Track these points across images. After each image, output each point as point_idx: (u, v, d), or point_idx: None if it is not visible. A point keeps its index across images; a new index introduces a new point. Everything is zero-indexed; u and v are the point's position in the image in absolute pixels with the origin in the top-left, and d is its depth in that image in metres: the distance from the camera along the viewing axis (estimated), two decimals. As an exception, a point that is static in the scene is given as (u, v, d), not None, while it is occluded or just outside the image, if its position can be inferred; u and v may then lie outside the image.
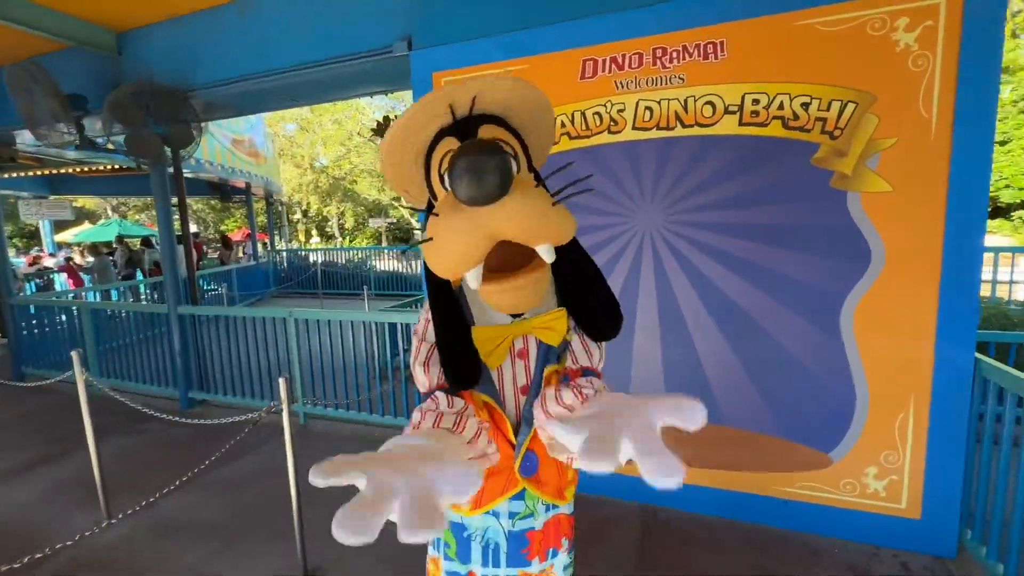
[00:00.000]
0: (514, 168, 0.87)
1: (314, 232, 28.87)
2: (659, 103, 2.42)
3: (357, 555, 2.34)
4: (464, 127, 0.92)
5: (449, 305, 1.00)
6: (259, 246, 12.40)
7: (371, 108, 20.03)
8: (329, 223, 28.53)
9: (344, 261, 12.06)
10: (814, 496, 2.41)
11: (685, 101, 2.37)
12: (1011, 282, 6.47)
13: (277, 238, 14.50)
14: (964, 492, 2.22)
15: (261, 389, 4.17)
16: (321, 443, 3.61)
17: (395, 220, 26.20)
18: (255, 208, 12.05)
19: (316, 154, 23.83)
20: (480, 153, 0.78)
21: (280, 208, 14.44)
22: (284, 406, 2.18)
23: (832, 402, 2.34)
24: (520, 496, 1.05)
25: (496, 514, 1.06)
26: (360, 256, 12.16)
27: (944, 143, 2.05)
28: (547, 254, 0.88)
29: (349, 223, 27.56)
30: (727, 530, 2.47)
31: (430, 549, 1.16)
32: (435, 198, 0.98)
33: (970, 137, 2.01)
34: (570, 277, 1.01)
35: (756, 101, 2.27)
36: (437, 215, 0.89)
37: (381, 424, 3.80)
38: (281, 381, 2.08)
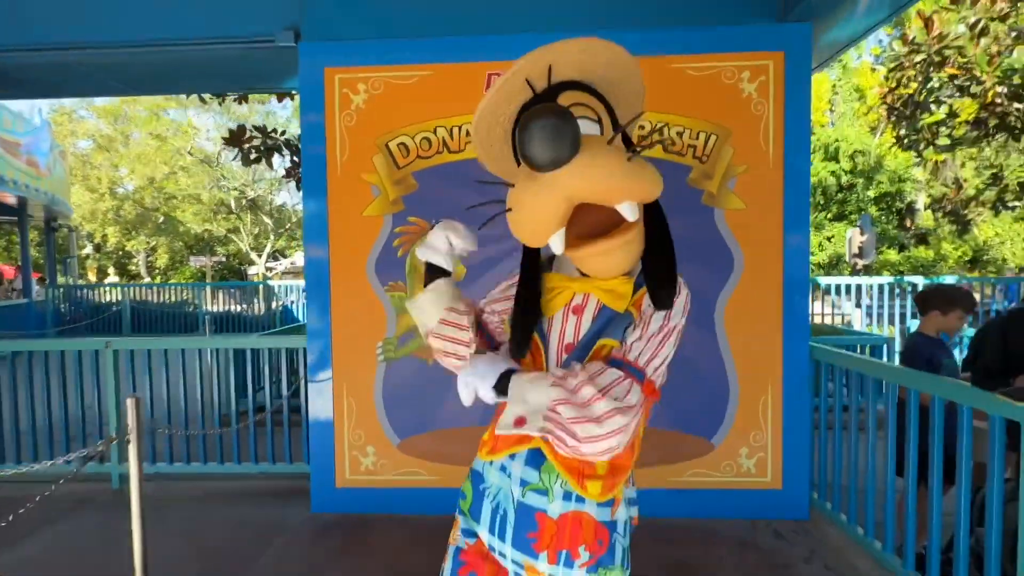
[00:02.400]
0: (585, 126, 0.86)
1: (111, 270, 23.77)
2: (560, 120, 2.59)
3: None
4: (546, 98, 0.88)
5: (533, 274, 1.00)
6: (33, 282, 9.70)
7: (207, 126, 17.79)
8: (134, 260, 23.83)
9: (160, 300, 10.09)
10: (702, 482, 2.64)
11: (583, 121, 2.58)
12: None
13: (60, 272, 11.53)
14: (811, 463, 2.65)
15: (50, 450, 3.13)
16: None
17: (224, 257, 23.05)
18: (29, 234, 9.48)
19: (118, 178, 20.04)
20: (541, 117, 0.78)
21: (69, 234, 11.57)
22: (133, 459, 1.64)
23: (711, 391, 2.63)
24: (535, 463, 0.95)
25: (509, 473, 0.97)
26: (184, 294, 10.32)
27: (778, 171, 2.57)
28: (629, 212, 0.85)
29: (162, 260, 23.36)
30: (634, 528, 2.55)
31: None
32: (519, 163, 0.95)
33: (795, 165, 2.55)
34: (649, 241, 0.94)
35: (642, 127, 2.58)
36: (513, 185, 0.91)
37: (224, 474, 3.13)
38: (129, 402, 1.58)
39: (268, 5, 2.71)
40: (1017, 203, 5.14)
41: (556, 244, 0.88)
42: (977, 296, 6.48)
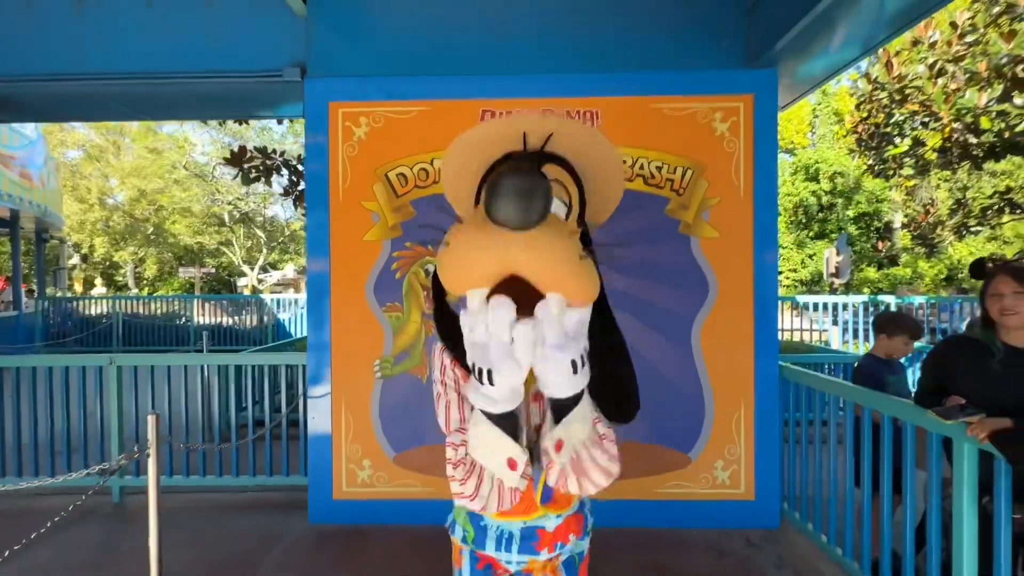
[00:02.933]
0: (555, 205, 0.84)
1: (98, 281, 23.52)
2: (548, 154, 2.79)
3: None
4: (529, 159, 0.87)
5: (452, 322, 0.95)
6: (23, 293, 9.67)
7: (203, 141, 17.88)
8: (121, 271, 23.62)
9: (149, 313, 10.08)
10: (680, 493, 2.81)
11: (570, 155, 2.79)
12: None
13: (50, 284, 11.49)
14: (782, 475, 2.84)
15: (52, 465, 3.21)
16: (142, 524, 2.90)
17: (213, 269, 22.96)
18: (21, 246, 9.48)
19: (108, 188, 19.98)
20: (526, 175, 0.74)
21: (61, 246, 11.54)
22: (152, 472, 1.78)
23: (688, 408, 2.81)
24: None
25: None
26: (174, 307, 10.33)
27: (748, 203, 2.79)
28: (556, 304, 0.80)
29: (151, 271, 23.19)
30: (615, 537, 2.69)
31: (454, 532, 1.17)
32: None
33: (763, 198, 2.77)
34: (593, 343, 0.90)
35: (624, 161, 2.79)
36: (462, 223, 0.86)
37: (222, 487, 3.24)
38: (150, 419, 1.71)
39: (276, 42, 2.90)
40: (979, 228, 5.46)
41: (473, 301, 0.82)
42: (947, 315, 6.79)
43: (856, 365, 2.60)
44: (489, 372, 0.81)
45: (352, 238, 2.84)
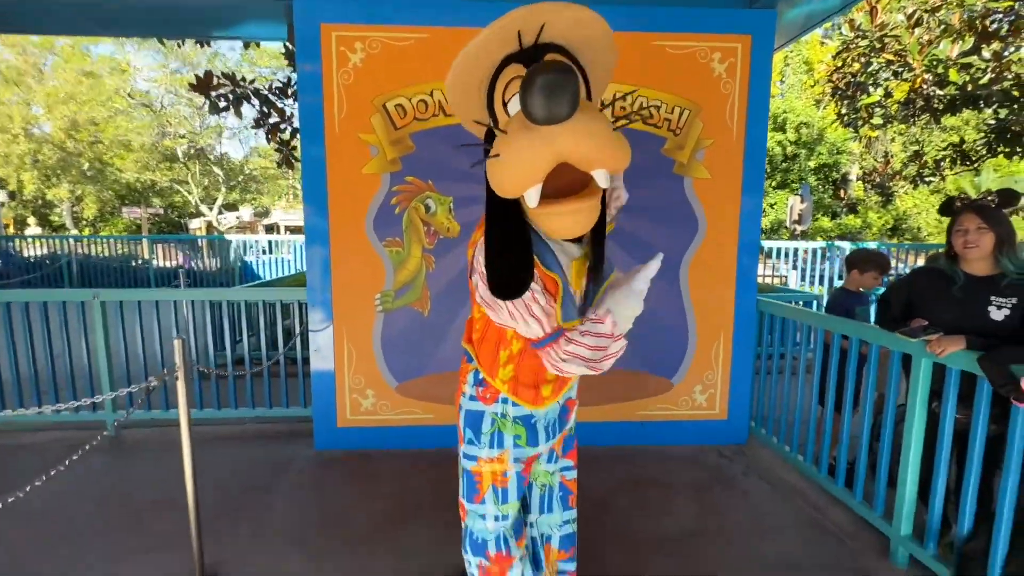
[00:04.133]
0: (582, 91, 0.93)
1: (31, 220, 21.75)
2: (550, 89, 2.78)
3: (256, 550, 2.08)
4: (530, 55, 0.95)
5: (518, 221, 1.02)
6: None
7: (147, 66, 16.13)
8: (56, 210, 21.87)
9: (103, 255, 9.51)
10: (662, 415, 3.09)
11: (571, 91, 2.78)
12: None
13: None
14: (752, 398, 3.15)
15: (38, 401, 3.16)
16: (142, 455, 2.96)
17: (161, 209, 21.59)
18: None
19: (33, 117, 18.03)
20: (554, 72, 0.80)
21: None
22: (181, 396, 1.80)
23: (673, 338, 3.04)
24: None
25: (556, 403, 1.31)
26: (129, 248, 9.76)
27: (740, 145, 2.90)
28: (603, 180, 0.92)
29: (90, 211, 21.58)
30: (601, 454, 2.96)
31: (485, 450, 1.26)
32: (496, 124, 1.01)
33: (754, 141, 2.89)
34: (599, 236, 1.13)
35: (624, 98, 2.82)
36: (505, 132, 0.93)
37: (221, 419, 3.30)
38: (176, 344, 1.73)
39: (260, -47, 2.67)
40: (933, 178, 5.84)
41: (532, 196, 0.92)
42: (894, 261, 7.34)
43: (829, 298, 2.86)
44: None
45: (350, 171, 2.79)
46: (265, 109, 5.05)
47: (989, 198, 1.85)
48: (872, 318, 2.61)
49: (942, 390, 1.85)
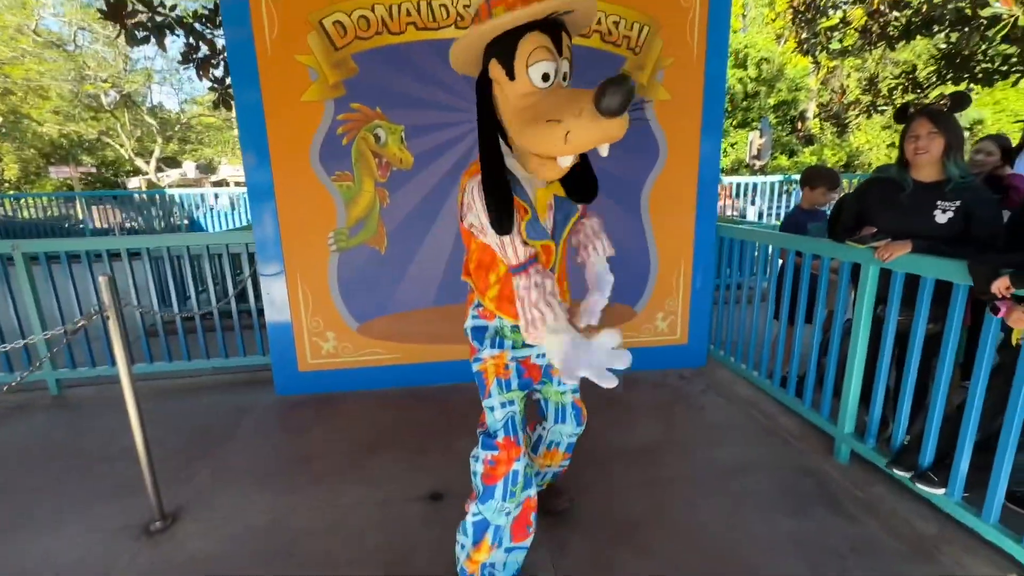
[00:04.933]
0: (565, 65, 1.20)
1: (-59, 183, 19.71)
2: (502, 4, 2.58)
3: (219, 492, 2.04)
4: (551, 26, 1.16)
5: (503, 168, 1.25)
6: None
7: (50, 0, 14.18)
8: (-28, 171, 19.85)
9: (28, 218, 8.74)
10: (627, 342, 3.12)
11: (525, 5, 2.60)
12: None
13: None
14: (711, 323, 3.23)
15: (-32, 360, 2.93)
16: (90, 412, 2.82)
17: (94, 166, 19.89)
18: None
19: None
20: (624, 84, 1.03)
21: None
22: (116, 338, 1.67)
23: (635, 266, 3.05)
24: None
25: None
26: (59, 208, 8.99)
27: (700, 65, 2.81)
28: (605, 150, 1.18)
29: (11, 172, 19.69)
30: (569, 383, 3.02)
31: (488, 350, 1.45)
32: (510, 74, 1.19)
33: (715, 58, 2.81)
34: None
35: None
36: (532, 88, 1.17)
37: (174, 372, 3.17)
38: (102, 280, 1.58)
39: None
40: (886, 107, 5.94)
41: (566, 160, 1.20)
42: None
43: (784, 216, 2.91)
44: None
45: (288, 100, 2.56)
46: (192, 41, 4.57)
47: (942, 101, 1.86)
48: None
49: (887, 296, 1.92)
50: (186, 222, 9.06)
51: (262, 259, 2.75)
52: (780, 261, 2.63)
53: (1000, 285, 1.44)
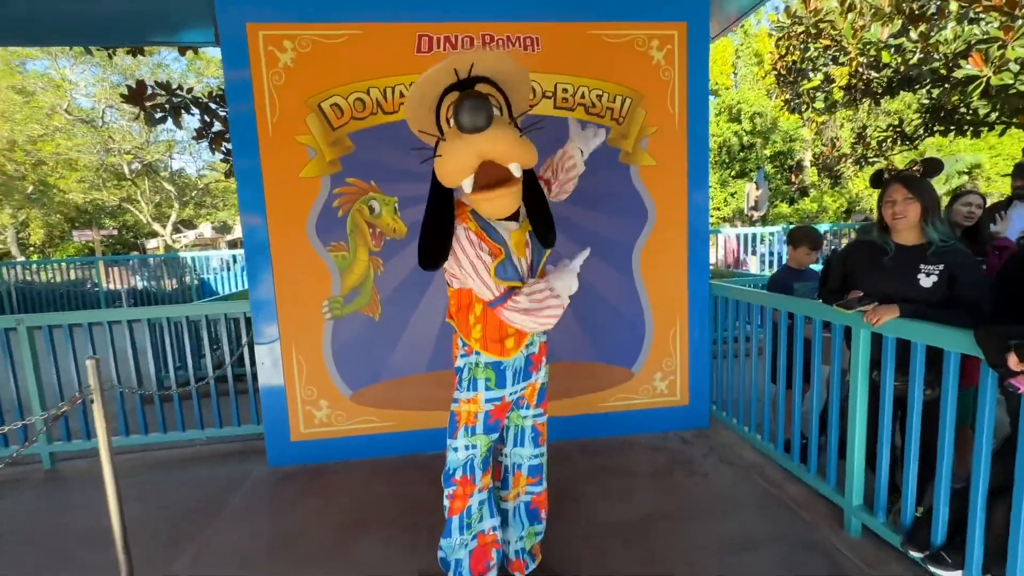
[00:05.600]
0: (496, 112, 1.34)
1: (-29, 249, 20.51)
2: (490, 83, 2.74)
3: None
4: (465, 85, 1.34)
5: (448, 208, 1.43)
6: None
7: (83, 81, 15.32)
8: (1, 236, 20.70)
9: (48, 280, 9.02)
10: (625, 404, 3.08)
11: (511, 83, 2.75)
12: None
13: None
14: (711, 382, 3.17)
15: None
16: (80, 486, 2.78)
17: (115, 229, 20.65)
18: None
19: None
20: (474, 98, 1.21)
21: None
22: (99, 419, 1.68)
23: (630, 327, 3.03)
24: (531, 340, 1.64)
25: (521, 352, 1.59)
26: (77, 272, 9.28)
27: (683, 131, 2.92)
28: (516, 170, 1.32)
29: (37, 236, 20.50)
30: (568, 447, 2.93)
31: (464, 393, 1.57)
32: (442, 135, 1.40)
33: (696, 126, 2.92)
34: (530, 200, 1.51)
35: (565, 89, 2.80)
36: (445, 140, 1.35)
37: (169, 443, 3.14)
38: (89, 363, 1.61)
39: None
40: (877, 159, 6.07)
41: (467, 185, 1.34)
42: (849, 240, 7.58)
43: (770, 277, 2.91)
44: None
45: (287, 176, 2.69)
46: (206, 118, 4.87)
47: (915, 168, 1.90)
48: (812, 292, 2.67)
49: (882, 359, 1.88)
50: (196, 282, 9.28)
51: (258, 328, 2.78)
52: (772, 323, 2.61)
53: (1012, 361, 1.36)
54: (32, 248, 21.03)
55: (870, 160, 6.33)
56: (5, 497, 2.67)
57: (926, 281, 1.81)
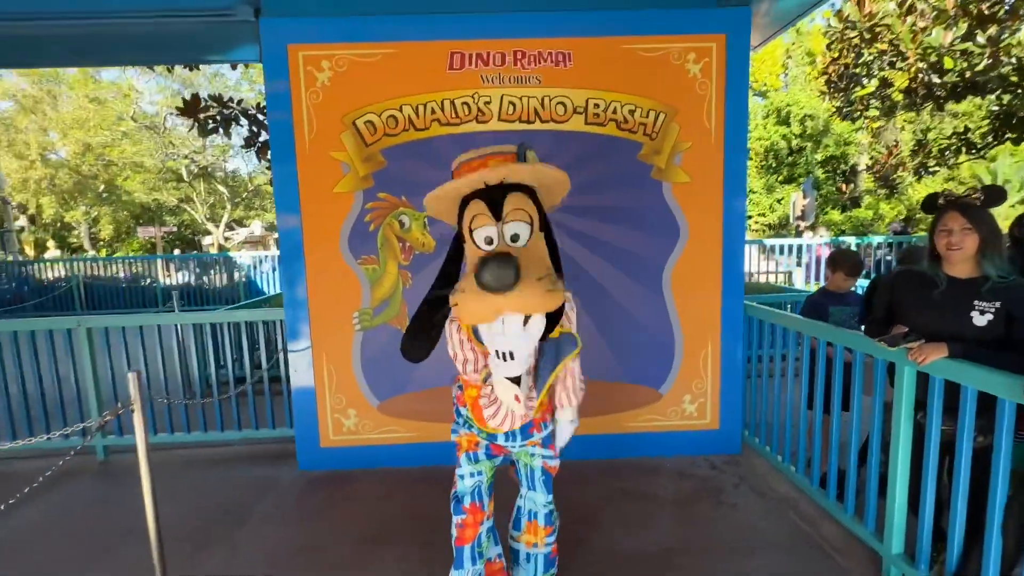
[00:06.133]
0: (523, 229, 1.32)
1: (51, 243, 22.33)
2: (520, 99, 2.74)
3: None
4: (492, 193, 1.33)
5: (440, 310, 1.49)
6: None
7: (147, 89, 16.50)
8: (75, 232, 22.44)
9: (111, 275, 9.68)
10: (651, 425, 3.00)
11: (542, 99, 2.74)
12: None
13: (-2, 248, 10.86)
14: (744, 405, 3.05)
15: (29, 429, 3.19)
16: (129, 481, 2.94)
17: (175, 227, 22.00)
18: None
19: (49, 143, 18.52)
20: (498, 262, 1.12)
21: (5, 207, 10.77)
22: (139, 427, 1.79)
23: (659, 347, 2.95)
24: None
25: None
26: (137, 268, 9.94)
27: (719, 146, 2.82)
28: (535, 324, 1.24)
29: (106, 232, 22.11)
30: (591, 467, 2.88)
31: (461, 427, 1.60)
32: (460, 232, 1.42)
33: (734, 142, 2.81)
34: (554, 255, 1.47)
35: (597, 105, 2.76)
36: (472, 241, 1.38)
37: (207, 442, 3.29)
38: (131, 376, 1.72)
39: (225, -22, 2.68)
40: (938, 168, 5.65)
41: (484, 330, 1.30)
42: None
43: (806, 300, 2.76)
44: (511, 353, 1.25)
45: (322, 190, 2.77)
46: (254, 129, 5.10)
47: (975, 195, 1.75)
48: (851, 318, 2.52)
49: (927, 399, 1.75)
50: (244, 280, 9.73)
51: (291, 336, 2.88)
52: (810, 348, 2.48)
53: None
54: (101, 243, 22.68)
55: (930, 169, 5.92)
56: (60, 488, 2.88)
57: (980, 319, 1.67)
